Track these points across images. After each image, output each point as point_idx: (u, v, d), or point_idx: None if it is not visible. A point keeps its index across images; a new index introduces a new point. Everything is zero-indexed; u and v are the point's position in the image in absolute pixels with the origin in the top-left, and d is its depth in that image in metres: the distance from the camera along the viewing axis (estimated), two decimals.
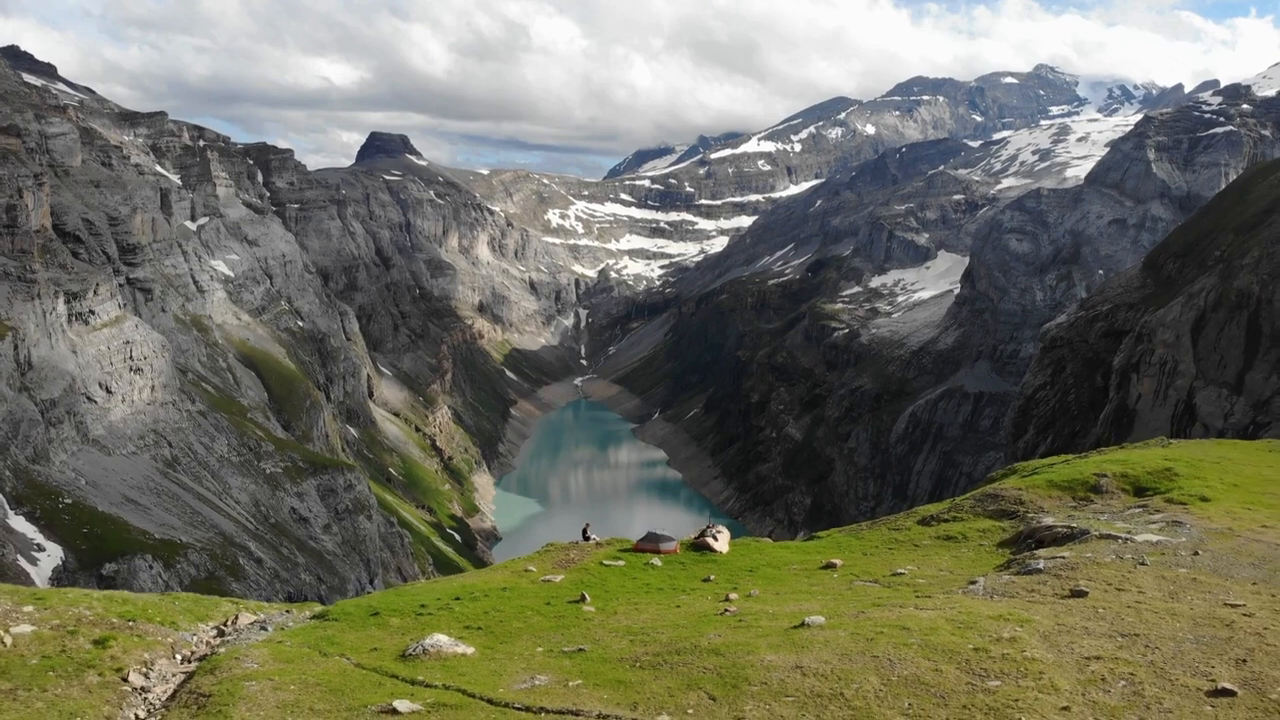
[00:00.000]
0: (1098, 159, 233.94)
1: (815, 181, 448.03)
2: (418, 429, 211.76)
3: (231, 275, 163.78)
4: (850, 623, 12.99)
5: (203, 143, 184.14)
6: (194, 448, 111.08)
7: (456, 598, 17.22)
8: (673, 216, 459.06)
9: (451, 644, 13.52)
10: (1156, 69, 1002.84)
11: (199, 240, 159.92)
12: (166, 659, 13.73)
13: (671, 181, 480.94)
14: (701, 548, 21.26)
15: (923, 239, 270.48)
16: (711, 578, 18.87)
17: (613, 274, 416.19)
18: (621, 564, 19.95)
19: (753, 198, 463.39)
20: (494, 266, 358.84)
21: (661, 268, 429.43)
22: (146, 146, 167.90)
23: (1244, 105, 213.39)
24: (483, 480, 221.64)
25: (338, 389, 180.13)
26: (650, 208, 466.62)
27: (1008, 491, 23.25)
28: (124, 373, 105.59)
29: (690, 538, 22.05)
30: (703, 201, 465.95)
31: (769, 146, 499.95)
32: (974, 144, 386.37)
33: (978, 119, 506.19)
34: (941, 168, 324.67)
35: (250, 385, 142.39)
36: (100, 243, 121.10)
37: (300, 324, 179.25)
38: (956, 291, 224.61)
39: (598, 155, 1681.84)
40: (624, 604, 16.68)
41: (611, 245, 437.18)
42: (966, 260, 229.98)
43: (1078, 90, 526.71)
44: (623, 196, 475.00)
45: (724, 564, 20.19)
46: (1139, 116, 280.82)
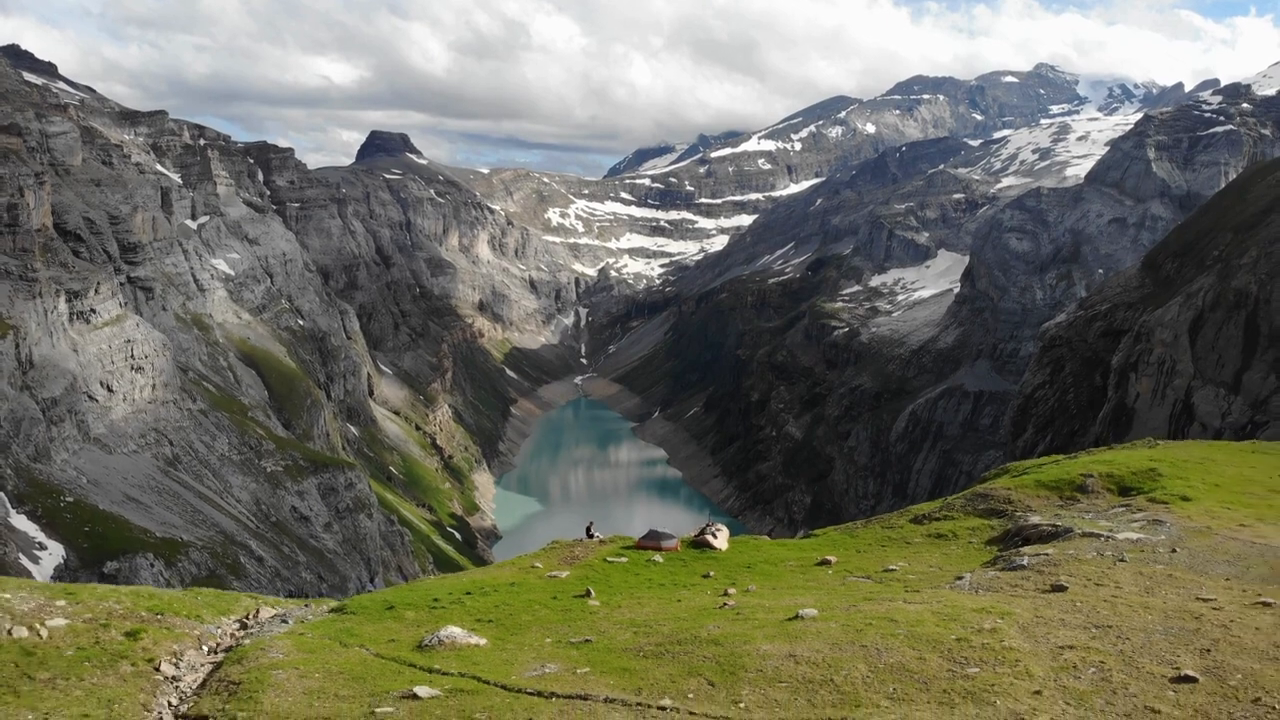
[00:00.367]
0: (1098, 158, 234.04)
1: (815, 180, 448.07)
2: (418, 427, 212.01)
3: (232, 274, 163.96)
4: (841, 615, 13.59)
5: (203, 142, 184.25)
6: (195, 446, 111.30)
7: (467, 592, 17.79)
8: (673, 215, 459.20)
9: (465, 635, 14.10)
10: (1157, 68, 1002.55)
11: (199, 239, 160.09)
12: (194, 650, 14.29)
13: (672, 180, 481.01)
14: (701, 545, 21.74)
15: (923, 238, 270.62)
16: (711, 574, 19.37)
17: (613, 273, 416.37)
18: (624, 561, 20.44)
19: (753, 196, 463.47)
20: (494, 265, 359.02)
21: (661, 266, 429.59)
22: (147, 145, 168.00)
23: (1244, 104, 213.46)
24: (483, 479, 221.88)
25: (338, 387, 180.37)
26: (650, 206, 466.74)
27: (997, 491, 23.75)
28: (125, 371, 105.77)
29: (690, 535, 22.53)
30: (703, 200, 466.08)
31: (769, 145, 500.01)
32: (974, 143, 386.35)
33: (978, 118, 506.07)
34: (941, 167, 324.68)
35: (251, 384, 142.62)
36: (101, 241, 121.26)
37: (301, 323, 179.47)
38: (956, 290, 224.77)
39: (598, 154, 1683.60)
40: (627, 598, 17.18)
41: (611, 244, 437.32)
42: (966, 259, 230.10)
43: (1078, 89, 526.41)
44: (623, 195, 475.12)
45: (723, 561, 20.67)
46: (1139, 115, 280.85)
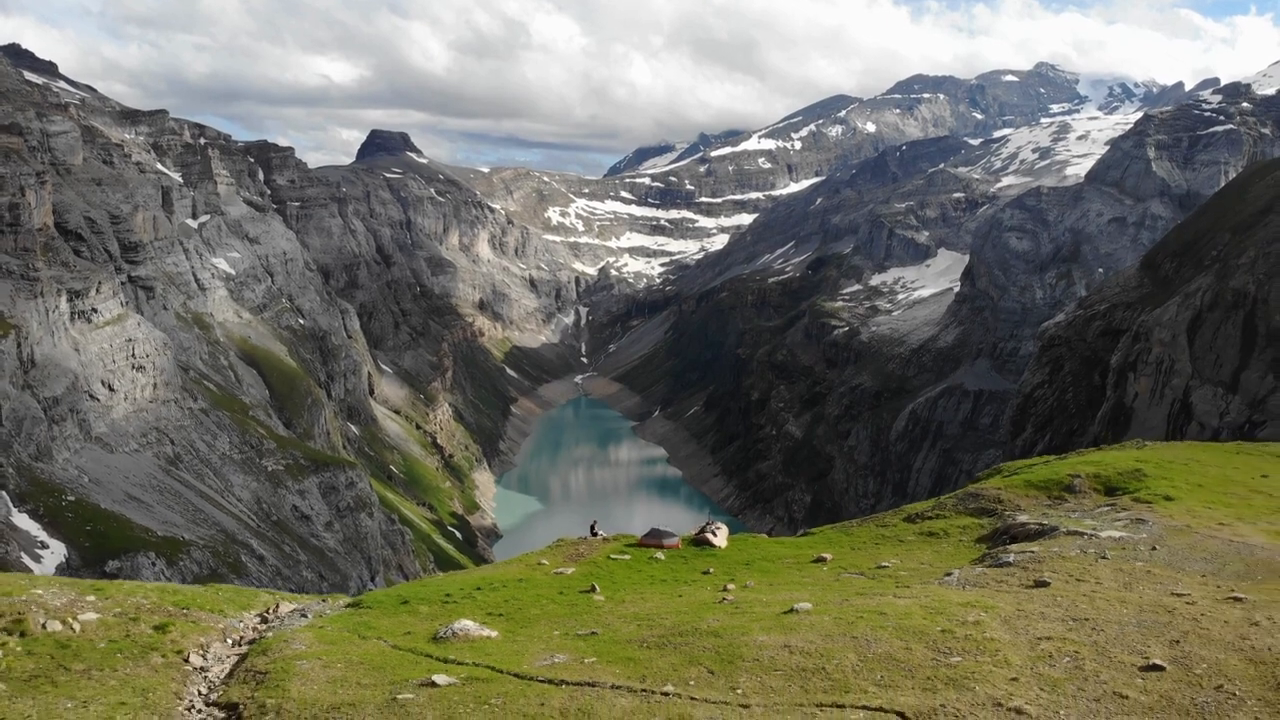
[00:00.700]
0: (1098, 157, 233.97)
1: (816, 179, 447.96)
2: (418, 426, 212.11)
3: (233, 273, 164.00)
4: (834, 609, 14.25)
5: (203, 141, 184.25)
6: (196, 445, 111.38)
7: (478, 588, 18.40)
8: (673, 214, 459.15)
9: (477, 628, 14.73)
10: (1157, 67, 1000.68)
11: (200, 238, 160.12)
12: (220, 642, 14.87)
13: (672, 179, 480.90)
14: (701, 543, 22.25)
15: (923, 237, 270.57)
16: (711, 570, 19.93)
17: (613, 272, 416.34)
18: (627, 558, 20.99)
19: (753, 195, 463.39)
20: (494, 264, 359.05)
21: (662, 265, 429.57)
22: (148, 145, 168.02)
23: (1244, 104, 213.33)
24: (483, 478, 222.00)
25: (339, 387, 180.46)
26: (651, 205, 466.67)
27: (988, 491, 24.36)
28: (126, 370, 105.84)
29: (691, 534, 23.04)
30: (703, 199, 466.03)
31: (769, 144, 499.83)
32: (974, 142, 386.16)
33: (978, 117, 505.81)
34: (942, 166, 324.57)
35: (252, 383, 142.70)
36: (102, 241, 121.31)
37: (301, 322, 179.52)
38: (956, 289, 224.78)
39: (598, 153, 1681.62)
40: (631, 593, 17.77)
41: (612, 243, 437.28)
42: (966, 258, 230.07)
43: (1078, 88, 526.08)
44: (623, 194, 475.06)
45: (722, 558, 21.20)
46: (1139, 115, 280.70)
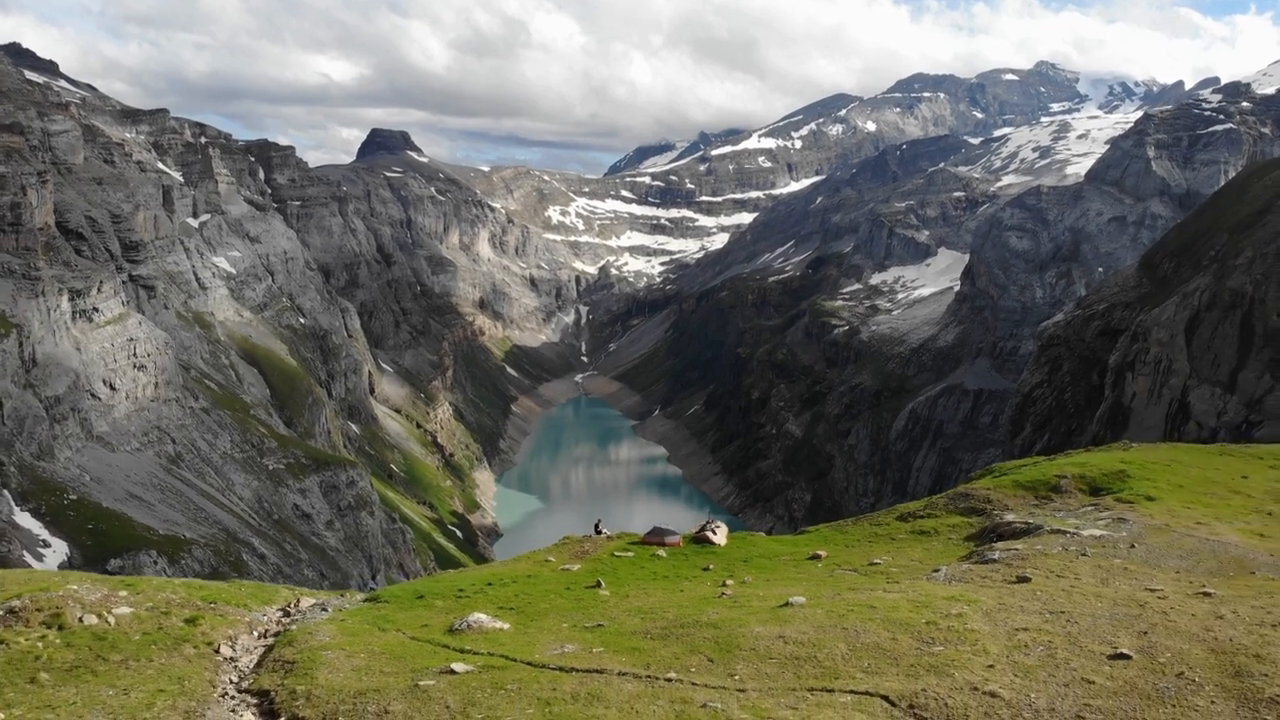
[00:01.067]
0: (1098, 156, 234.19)
1: (816, 178, 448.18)
2: (419, 425, 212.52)
3: (233, 272, 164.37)
4: (827, 603, 15.03)
5: (204, 140, 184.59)
6: (197, 444, 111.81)
7: (489, 583, 19.11)
8: (673, 213, 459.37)
9: (490, 621, 15.40)
10: (1157, 66, 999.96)
11: (201, 237, 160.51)
12: (246, 635, 15.54)
13: (672, 178, 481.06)
14: (702, 541, 22.89)
15: (923, 236, 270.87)
16: (710, 567, 20.55)
17: (613, 271, 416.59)
18: (631, 555, 21.65)
19: (753, 194, 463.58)
20: (495, 263, 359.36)
21: (662, 264, 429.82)
22: (148, 144, 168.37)
23: (1244, 103, 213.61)
24: (484, 476, 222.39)
25: (339, 386, 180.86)
26: (651, 204, 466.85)
27: (978, 491, 25.07)
28: (127, 370, 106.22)
29: (692, 532, 23.70)
30: (703, 198, 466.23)
31: (770, 143, 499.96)
32: (974, 141, 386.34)
33: (978, 116, 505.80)
34: (942, 165, 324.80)
35: (252, 382, 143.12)
36: (103, 240, 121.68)
37: (302, 321, 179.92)
38: (956, 289, 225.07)
39: (598, 152, 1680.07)
40: (635, 589, 18.44)
41: (612, 242, 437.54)
42: (967, 257, 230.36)
43: (1079, 87, 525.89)
44: (623, 193, 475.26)
45: (722, 555, 21.87)
46: (1139, 114, 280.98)
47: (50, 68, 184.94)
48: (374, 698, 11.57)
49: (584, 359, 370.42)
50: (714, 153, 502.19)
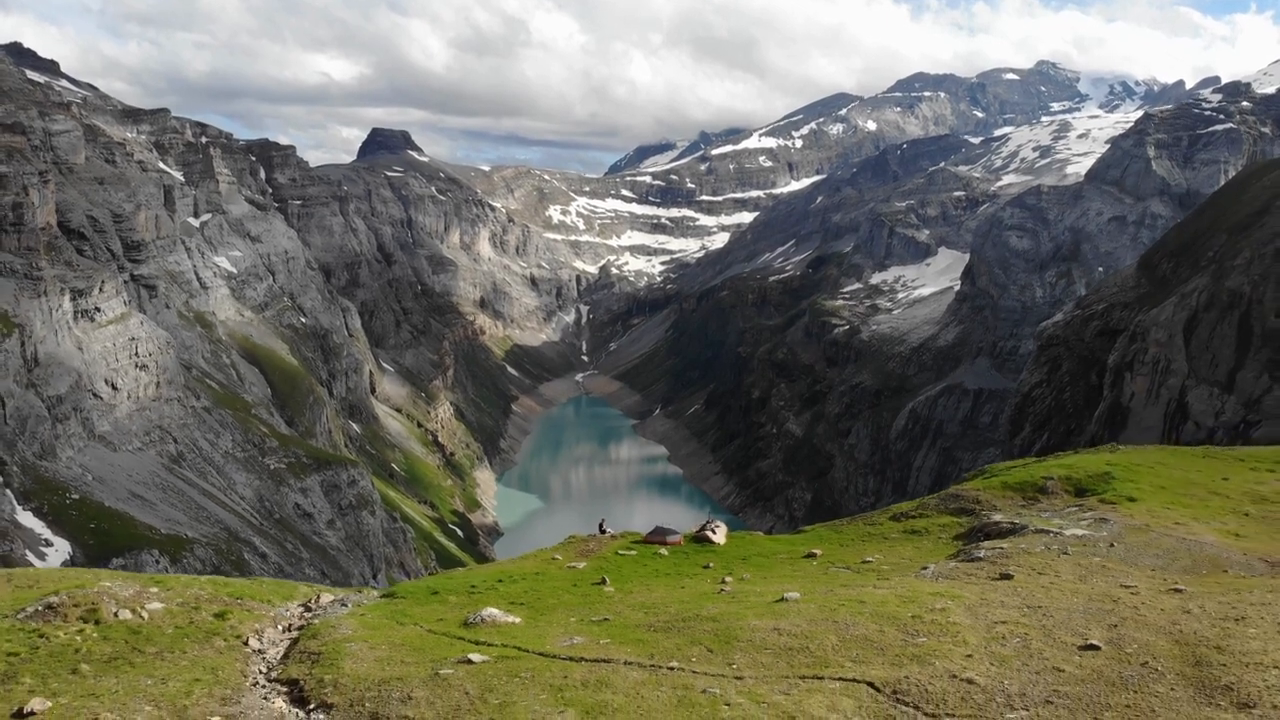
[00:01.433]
0: (1098, 156, 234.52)
1: (816, 178, 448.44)
2: (420, 425, 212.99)
3: (234, 272, 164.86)
4: (820, 598, 15.84)
5: (205, 139, 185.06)
6: (198, 444, 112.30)
7: (499, 580, 19.95)
8: (674, 213, 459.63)
9: (503, 615, 16.17)
10: (1157, 65, 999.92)
11: (202, 237, 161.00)
12: (272, 628, 16.23)
13: (673, 177, 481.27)
14: (702, 540, 23.62)
15: (923, 236, 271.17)
16: (710, 565, 21.30)
17: (614, 270, 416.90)
18: (634, 554, 22.41)
19: (754, 194, 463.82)
20: (495, 262, 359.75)
21: (662, 264, 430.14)
22: (149, 143, 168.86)
23: (1244, 102, 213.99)
24: (484, 476, 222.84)
25: (340, 385, 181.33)
26: (651, 204, 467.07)
27: (967, 492, 25.88)
28: (129, 369, 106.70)
29: (692, 532, 24.48)
30: (704, 197, 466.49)
31: (770, 142, 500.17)
32: (975, 140, 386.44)
33: (979, 115, 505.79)
34: (942, 164, 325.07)
35: (254, 381, 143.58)
36: (105, 240, 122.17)
37: (303, 320, 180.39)
38: (957, 288, 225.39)
39: (598, 151, 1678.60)
40: (638, 585, 19.22)
41: (612, 241, 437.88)
42: (967, 257, 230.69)
43: (1079, 86, 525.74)
44: (624, 192, 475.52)
45: (721, 554, 22.59)
46: (1140, 113, 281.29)
47: (51, 67, 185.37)
48: (397, 685, 12.27)
49: (584, 358, 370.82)
50: (714, 152, 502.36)
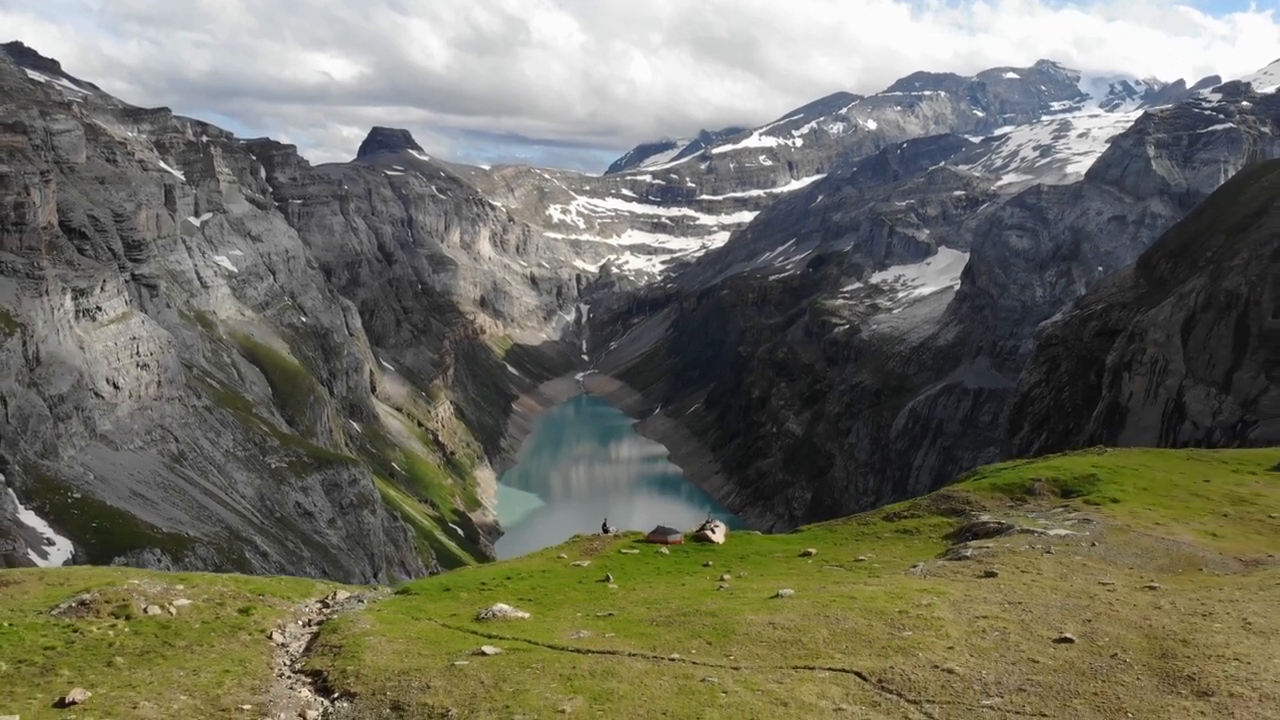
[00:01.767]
0: (1098, 155, 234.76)
1: (816, 177, 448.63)
2: (420, 424, 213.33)
3: (235, 271, 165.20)
4: (813, 594, 16.64)
5: (205, 139, 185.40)
6: (200, 443, 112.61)
7: (508, 578, 20.87)
8: (674, 212, 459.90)
9: (513, 610, 16.98)
10: (1158, 64, 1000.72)
11: (203, 236, 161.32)
12: (293, 623, 17.01)
13: (673, 177, 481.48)
14: (702, 539, 24.34)
15: (923, 235, 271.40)
16: (710, 563, 22.02)
17: (614, 269, 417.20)
18: (636, 552, 23.17)
19: (754, 193, 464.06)
20: (495, 262, 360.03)
21: (663, 263, 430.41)
22: (150, 143, 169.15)
23: (1244, 102, 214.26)
24: (484, 475, 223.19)
25: (340, 384, 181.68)
26: (652, 203, 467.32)
27: (958, 493, 26.64)
28: (130, 368, 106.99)
29: (692, 531, 25.22)
30: (704, 197, 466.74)
31: (770, 142, 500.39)
32: (975, 140, 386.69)
33: (979, 114, 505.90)
34: (942, 163, 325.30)
35: (254, 380, 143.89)
36: (106, 239, 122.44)
37: (303, 319, 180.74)
38: (957, 288, 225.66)
39: (598, 150, 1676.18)
40: (640, 582, 20.10)
41: (613, 240, 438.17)
42: (967, 256, 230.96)
43: (1079, 86, 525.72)
44: (624, 192, 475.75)
45: (720, 552, 23.31)
46: (1140, 112, 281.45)
47: (52, 67, 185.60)
48: (416, 675, 13.01)
49: (585, 357, 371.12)
50: (714, 151, 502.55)
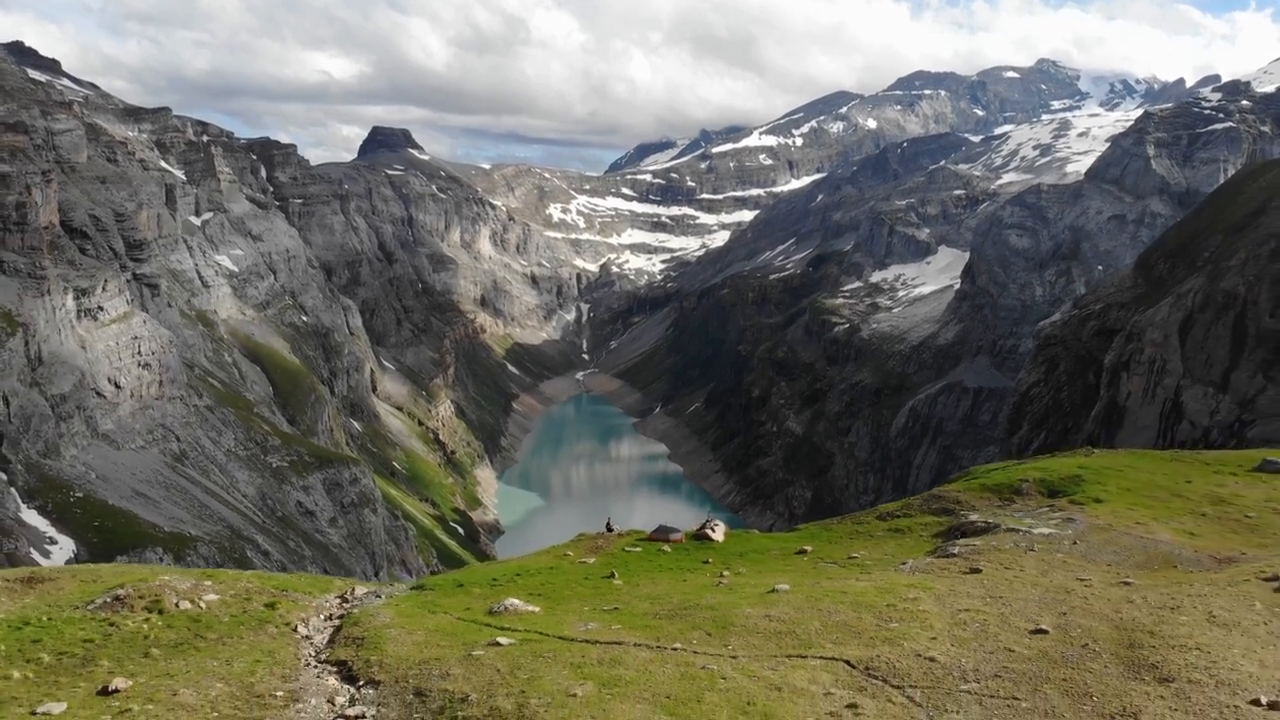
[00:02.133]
0: (1098, 154, 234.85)
1: (816, 176, 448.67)
2: (420, 423, 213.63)
3: (236, 270, 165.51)
4: (807, 589, 17.56)
5: (206, 138, 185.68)
6: (201, 442, 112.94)
7: (517, 574, 21.87)
8: (674, 211, 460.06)
9: (523, 604, 17.85)
10: (1158, 63, 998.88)
11: (203, 235, 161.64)
12: (315, 617, 17.76)
13: (673, 176, 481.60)
14: (702, 538, 25.25)
15: (923, 234, 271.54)
16: (710, 560, 22.86)
17: (614, 268, 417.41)
18: (639, 550, 24.06)
19: (754, 192, 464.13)
20: (496, 261, 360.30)
21: (663, 262, 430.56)
22: (151, 142, 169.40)
23: (1243, 101, 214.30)
24: (485, 474, 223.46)
25: (341, 383, 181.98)
26: (652, 202, 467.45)
27: (948, 493, 27.48)
28: (132, 368, 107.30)
29: (693, 530, 26.14)
30: (704, 196, 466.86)
31: (770, 140, 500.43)
32: (975, 139, 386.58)
33: (979, 113, 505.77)
34: (943, 163, 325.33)
35: (255, 380, 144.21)
36: (107, 239, 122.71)
37: (304, 319, 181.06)
38: (956, 287, 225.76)
39: (598, 149, 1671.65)
40: (644, 579, 20.98)
41: (613, 239, 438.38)
42: (967, 255, 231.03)
43: (1080, 85, 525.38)
44: (624, 191, 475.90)
45: (720, 550, 24.17)
46: (1140, 111, 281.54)
47: (53, 66, 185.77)
48: (436, 664, 13.89)
49: (585, 356, 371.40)
50: (715, 150, 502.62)
